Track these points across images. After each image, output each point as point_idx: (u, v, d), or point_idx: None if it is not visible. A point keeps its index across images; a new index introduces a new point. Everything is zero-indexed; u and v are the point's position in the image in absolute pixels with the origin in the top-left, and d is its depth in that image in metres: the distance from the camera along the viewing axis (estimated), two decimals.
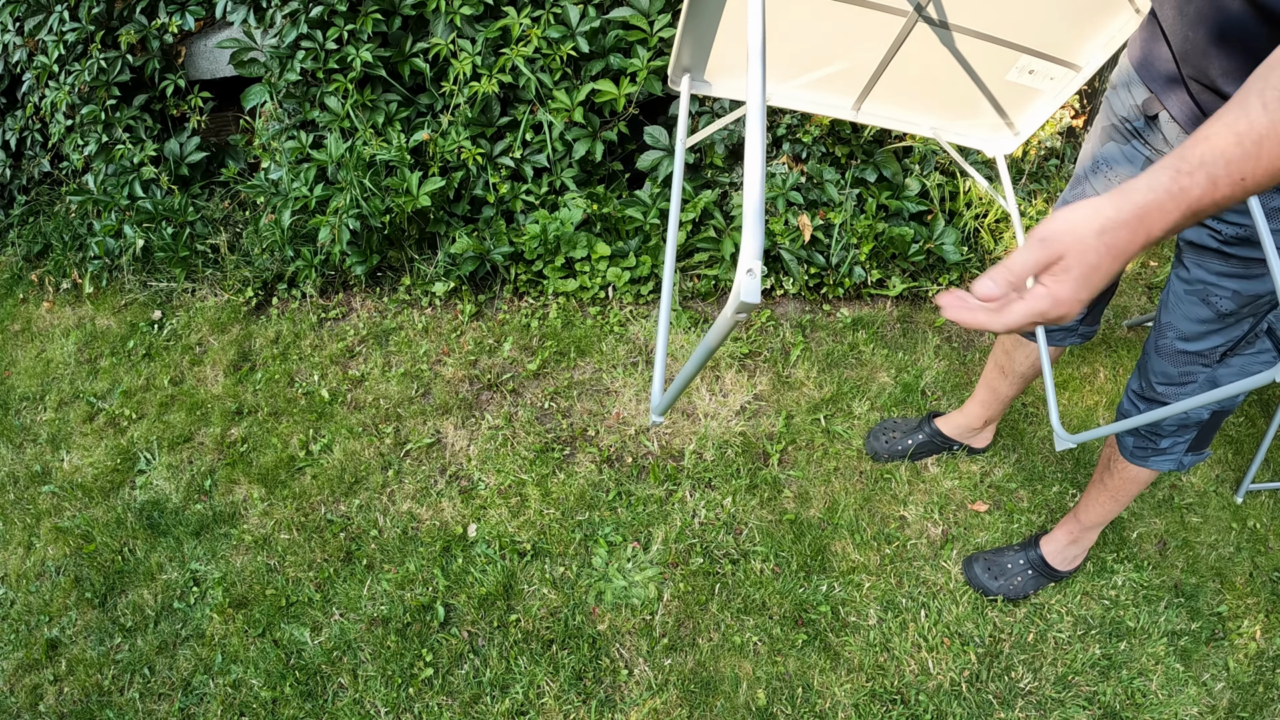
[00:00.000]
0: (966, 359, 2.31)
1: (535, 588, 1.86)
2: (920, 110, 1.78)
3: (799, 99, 1.76)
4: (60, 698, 1.82)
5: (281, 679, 1.76)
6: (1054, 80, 1.65)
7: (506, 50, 2.23)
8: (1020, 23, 1.59)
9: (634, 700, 1.69)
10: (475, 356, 2.36)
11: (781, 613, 1.80)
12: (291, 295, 2.59)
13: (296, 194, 2.41)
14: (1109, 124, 1.36)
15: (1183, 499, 2.00)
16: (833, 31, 1.64)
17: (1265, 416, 2.19)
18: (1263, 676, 1.72)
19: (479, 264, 2.45)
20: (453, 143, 2.32)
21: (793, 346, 2.32)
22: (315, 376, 2.37)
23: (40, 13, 2.62)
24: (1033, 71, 1.65)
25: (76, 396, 2.46)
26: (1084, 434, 1.11)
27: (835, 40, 1.66)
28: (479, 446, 2.15)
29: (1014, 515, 1.96)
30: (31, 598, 2.00)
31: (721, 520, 1.96)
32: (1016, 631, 1.77)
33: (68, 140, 2.70)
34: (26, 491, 2.24)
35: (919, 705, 1.66)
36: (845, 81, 1.73)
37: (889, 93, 1.74)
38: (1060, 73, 1.64)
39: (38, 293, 2.85)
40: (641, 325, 2.39)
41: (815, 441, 2.11)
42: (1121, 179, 1.35)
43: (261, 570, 1.95)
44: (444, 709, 1.70)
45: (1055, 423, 1.28)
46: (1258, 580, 1.87)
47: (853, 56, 1.68)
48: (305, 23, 2.29)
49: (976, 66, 1.67)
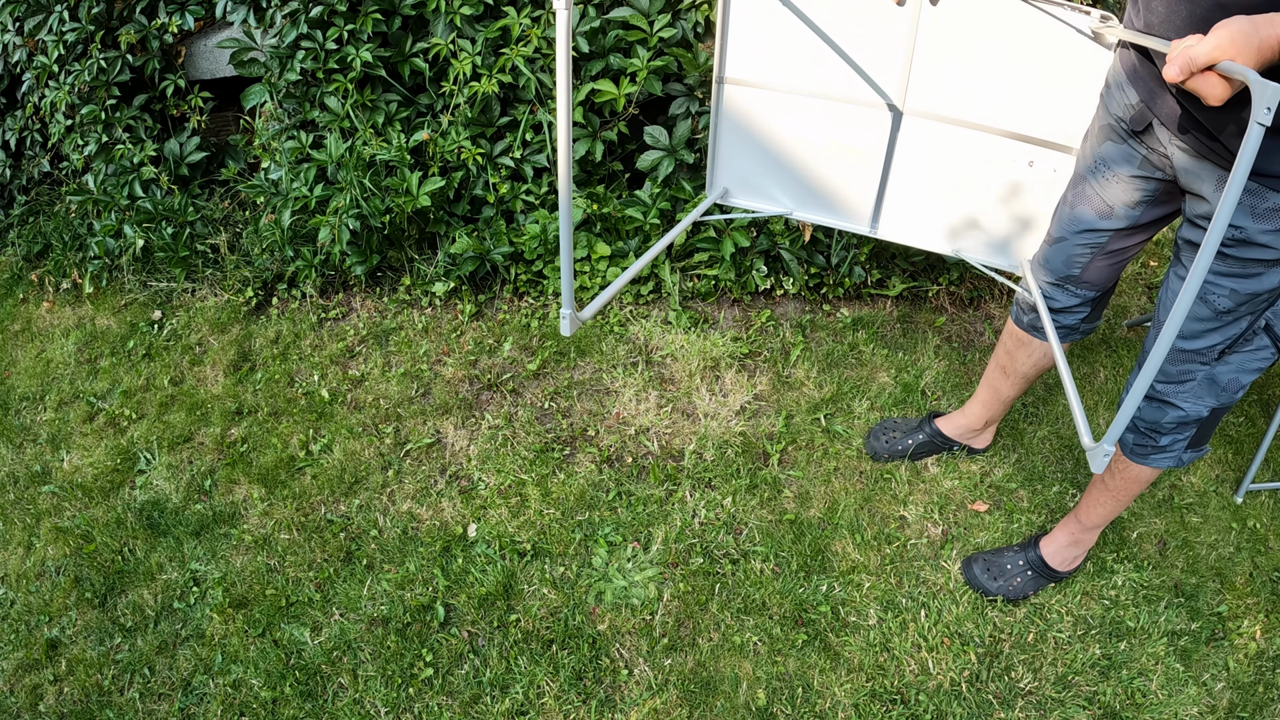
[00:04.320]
0: (967, 359, 2.32)
1: (535, 588, 1.86)
2: (937, 222, 1.80)
3: (819, 217, 1.85)
4: (60, 698, 1.82)
5: (281, 679, 1.76)
6: (1057, 172, 1.63)
7: (506, 50, 2.23)
8: (1002, 109, 1.60)
9: (634, 700, 1.69)
10: (475, 356, 2.37)
11: (781, 613, 1.80)
12: (291, 295, 2.59)
13: (296, 194, 2.41)
14: (1106, 123, 1.36)
15: (1183, 499, 2.00)
16: (832, 146, 1.74)
17: (1265, 416, 2.19)
18: (1263, 676, 1.72)
19: (479, 264, 2.45)
20: (453, 143, 2.32)
21: (793, 346, 2.32)
22: (315, 376, 2.37)
23: (40, 13, 2.62)
24: (1031, 163, 1.64)
25: (76, 396, 2.47)
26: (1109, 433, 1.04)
27: (836, 155, 1.74)
28: (479, 446, 2.15)
29: (1014, 515, 1.96)
30: (31, 598, 2.00)
31: (721, 520, 1.96)
32: (1016, 631, 1.77)
33: (68, 140, 2.70)
34: (26, 491, 2.24)
35: (919, 705, 1.66)
36: (857, 196, 1.79)
37: (902, 204, 1.78)
38: (1061, 161, 1.63)
39: (38, 293, 2.85)
40: (641, 325, 2.39)
41: (815, 441, 2.11)
42: (1120, 178, 1.37)
43: (261, 570, 1.95)
44: (444, 709, 1.70)
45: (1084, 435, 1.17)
46: (1258, 580, 1.87)
47: (856, 169, 1.75)
48: (305, 23, 2.29)
49: (975, 165, 1.69)
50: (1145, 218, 1.39)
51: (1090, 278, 1.51)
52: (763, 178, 1.85)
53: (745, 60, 1.71)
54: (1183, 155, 1.22)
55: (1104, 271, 1.50)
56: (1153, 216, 1.39)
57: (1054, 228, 1.52)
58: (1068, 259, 1.50)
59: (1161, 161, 1.29)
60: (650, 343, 2.35)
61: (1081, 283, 1.53)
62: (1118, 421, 1.02)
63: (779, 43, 1.67)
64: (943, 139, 1.68)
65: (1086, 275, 1.51)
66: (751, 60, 1.71)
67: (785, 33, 1.66)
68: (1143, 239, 1.46)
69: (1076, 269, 1.51)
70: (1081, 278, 1.52)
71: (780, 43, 1.67)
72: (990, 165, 1.68)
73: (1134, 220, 1.40)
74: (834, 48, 1.63)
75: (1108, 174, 1.38)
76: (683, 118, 2.29)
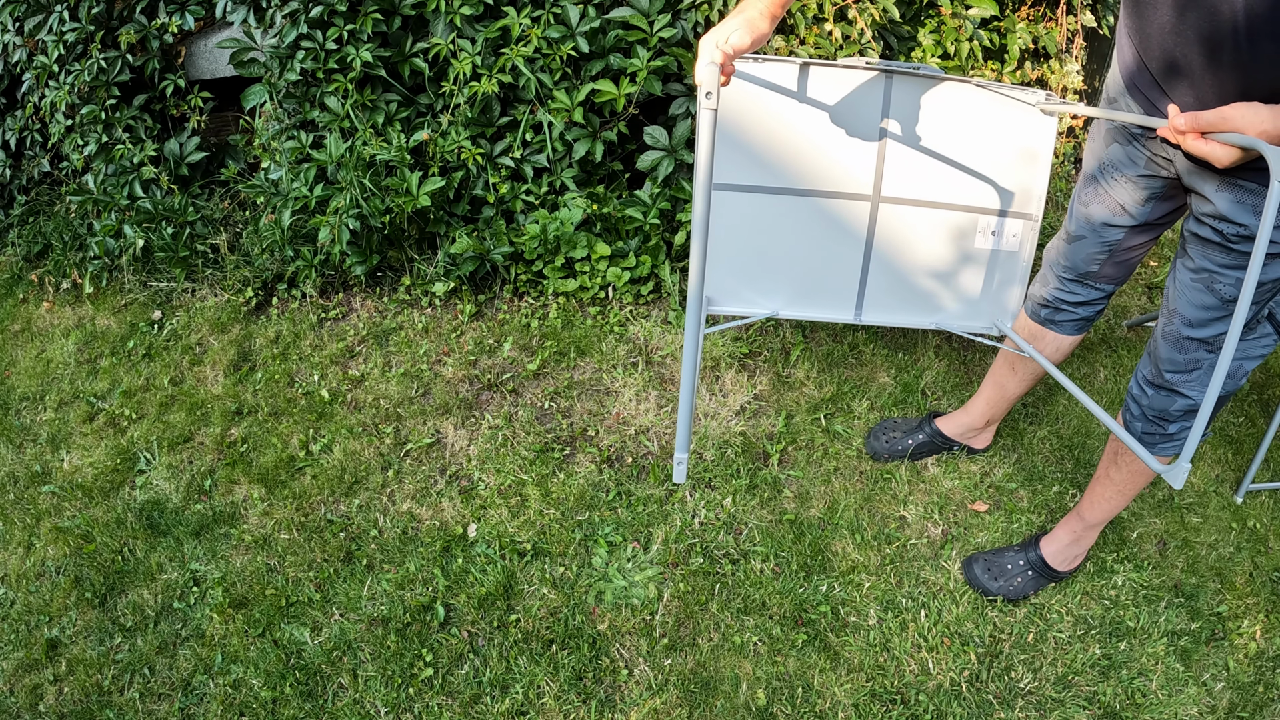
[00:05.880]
0: (967, 359, 2.32)
1: (535, 588, 1.86)
2: (917, 301, 1.91)
3: (805, 313, 1.92)
4: (60, 698, 1.82)
5: (281, 679, 1.76)
6: (1016, 236, 1.82)
7: (506, 50, 2.23)
8: (966, 188, 1.78)
9: (634, 700, 1.69)
10: (475, 356, 2.37)
11: (781, 613, 1.80)
12: (291, 295, 2.59)
13: (296, 194, 2.41)
14: (1112, 125, 1.39)
15: (1183, 499, 2.00)
16: (814, 239, 1.83)
17: (1265, 416, 2.19)
18: (1263, 676, 1.72)
19: (479, 264, 2.45)
20: (453, 143, 2.32)
21: (793, 346, 2.32)
22: (315, 376, 2.37)
23: (40, 13, 2.62)
24: (994, 232, 1.82)
25: (76, 396, 2.47)
26: (1185, 450, 1.05)
27: (818, 247, 1.84)
28: (479, 446, 2.15)
29: (1014, 515, 1.96)
30: (31, 598, 2.00)
31: (721, 520, 1.96)
32: (1016, 631, 1.77)
33: (68, 140, 2.70)
34: (26, 491, 2.24)
35: (919, 705, 1.66)
36: (840, 284, 1.89)
37: (883, 291, 1.89)
38: (1020, 226, 1.82)
39: (38, 293, 2.85)
40: (641, 325, 2.39)
41: (815, 441, 2.11)
42: (1127, 178, 1.40)
43: (261, 570, 1.95)
44: (444, 709, 1.70)
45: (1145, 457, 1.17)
46: (1258, 580, 1.87)
47: (838, 259, 1.86)
48: (305, 23, 2.29)
49: (945, 242, 1.83)
50: (1156, 213, 1.42)
51: (1109, 273, 1.55)
52: (747, 282, 1.90)
53: (727, 165, 1.79)
54: (1184, 159, 1.26)
55: (1121, 268, 1.55)
56: (1164, 211, 1.42)
57: (1071, 225, 1.55)
58: (1086, 256, 1.54)
59: (1165, 163, 1.32)
60: (650, 343, 2.35)
61: (1101, 278, 1.57)
62: (1193, 436, 1.04)
63: (759, 147, 1.76)
64: (914, 221, 1.81)
65: (1105, 271, 1.55)
66: (733, 164, 1.78)
67: (765, 139, 1.75)
68: (1155, 234, 1.49)
69: (1095, 265, 1.54)
70: (1100, 273, 1.56)
71: (761, 148, 1.76)
72: (957, 238, 1.82)
73: (1146, 217, 1.43)
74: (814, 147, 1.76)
75: (1115, 175, 1.41)
76: (683, 118, 2.29)
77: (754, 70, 1.69)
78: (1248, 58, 1.03)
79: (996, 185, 1.77)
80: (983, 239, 1.82)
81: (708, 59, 1.19)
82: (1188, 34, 1.08)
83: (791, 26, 2.21)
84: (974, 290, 1.88)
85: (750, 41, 1.24)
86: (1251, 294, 0.94)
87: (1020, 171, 1.77)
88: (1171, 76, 1.16)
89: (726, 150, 1.75)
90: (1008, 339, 1.79)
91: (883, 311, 1.91)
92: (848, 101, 1.70)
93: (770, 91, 1.70)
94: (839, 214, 1.80)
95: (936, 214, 1.80)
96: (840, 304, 1.90)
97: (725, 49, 1.21)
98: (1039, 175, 1.77)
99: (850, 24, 2.19)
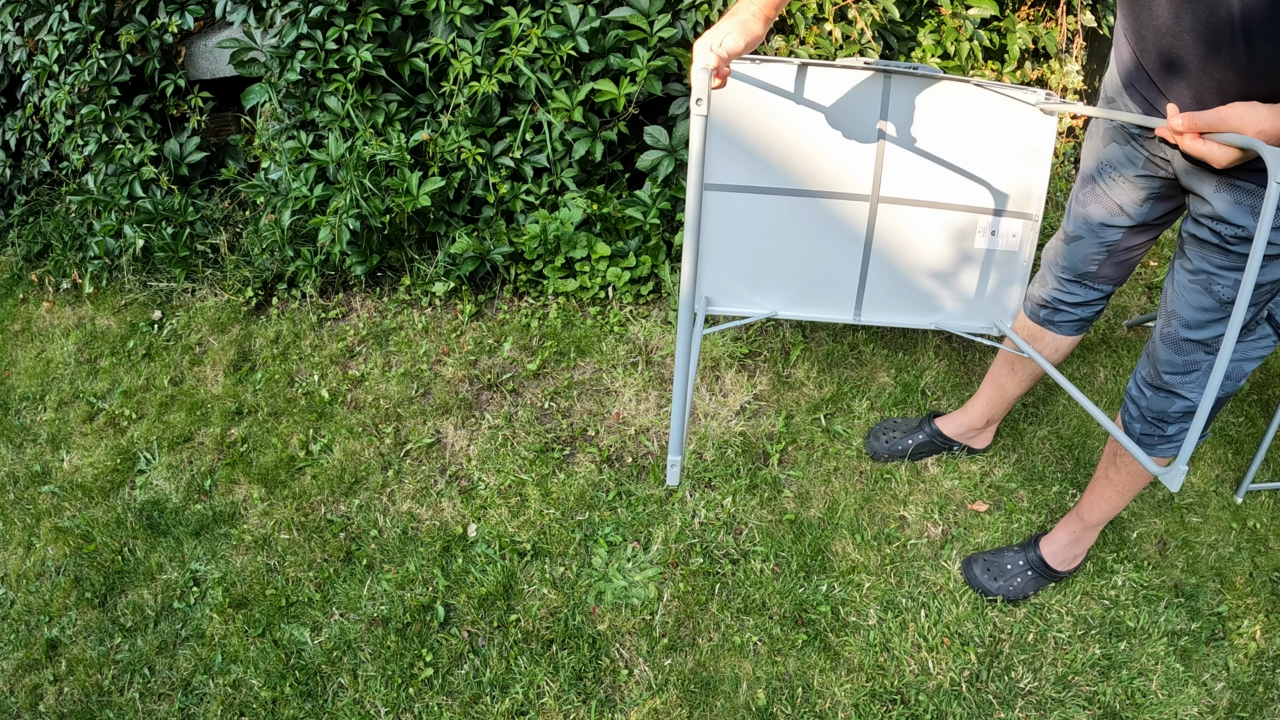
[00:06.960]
0: (967, 359, 2.32)
1: (535, 588, 1.86)
2: (916, 302, 1.92)
3: (804, 313, 1.92)
4: (60, 698, 1.82)
5: (281, 679, 1.76)
6: (1015, 236, 1.82)
7: (506, 50, 2.23)
8: (965, 188, 1.78)
9: (634, 700, 1.69)
10: (475, 356, 2.37)
11: (781, 613, 1.80)
12: (291, 295, 2.59)
13: (296, 194, 2.41)
14: (1110, 125, 1.38)
15: (1183, 499, 2.00)
16: (813, 240, 1.83)
17: (1265, 416, 2.19)
18: (1263, 676, 1.72)
19: (479, 264, 2.45)
20: (453, 143, 2.32)
21: (793, 346, 2.32)
22: (315, 376, 2.37)
23: (40, 13, 2.62)
24: (994, 232, 1.81)
25: (76, 396, 2.47)
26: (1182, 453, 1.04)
27: (818, 248, 1.84)
28: (479, 446, 2.15)
29: (1014, 515, 1.96)
30: (31, 598, 2.00)
31: (721, 520, 1.96)
32: (1016, 631, 1.77)
33: (68, 140, 2.70)
34: (26, 491, 2.24)
35: (919, 705, 1.66)
36: (839, 285, 1.89)
37: (882, 291, 1.90)
38: (1019, 226, 1.82)
39: (38, 293, 2.86)
40: (641, 325, 2.39)
41: (815, 441, 2.11)
42: (1126, 178, 1.39)
43: (261, 570, 1.95)
44: (444, 709, 1.70)
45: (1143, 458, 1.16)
46: (1258, 580, 1.87)
47: (837, 259, 1.85)
48: (305, 23, 2.29)
49: (945, 242, 1.83)
50: (1154, 213, 1.42)
51: (1107, 273, 1.55)
52: (747, 283, 1.90)
53: (725, 166, 1.78)
54: (1182, 159, 1.26)
55: (1120, 268, 1.54)
56: (1161, 211, 1.42)
57: (1069, 225, 1.55)
58: (1084, 256, 1.54)
59: (1163, 163, 1.32)
60: (650, 343, 2.35)
61: (1099, 278, 1.56)
62: (1190, 438, 1.04)
63: (758, 148, 1.76)
64: (913, 221, 1.81)
65: (1103, 271, 1.55)
66: (731, 165, 1.78)
67: (764, 140, 1.75)
68: (1154, 234, 1.48)
69: (1093, 266, 1.54)
70: (1099, 274, 1.55)
71: (759, 149, 1.76)
72: (956, 239, 1.82)
73: (1144, 217, 1.43)
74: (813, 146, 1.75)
75: (1113, 175, 1.41)
76: (682, 118, 2.29)
77: (751, 71, 1.69)
78: (1244, 57, 1.02)
79: (996, 185, 1.77)
80: (982, 239, 1.82)
81: (701, 63, 1.19)
82: (1184, 34, 1.08)
83: (791, 26, 2.21)
84: (973, 290, 1.88)
85: (744, 44, 1.25)
86: (1249, 295, 0.94)
87: (1020, 171, 1.77)
88: (1168, 76, 1.16)
89: (725, 151, 1.75)
90: (1007, 339, 1.79)
91: (882, 312, 1.91)
92: (846, 102, 1.70)
93: (768, 92, 1.70)
94: (838, 214, 1.80)
95: (936, 214, 1.80)
96: (840, 304, 1.90)
97: (719, 52, 1.22)
98: (1039, 175, 1.77)
99: (850, 24, 2.20)
